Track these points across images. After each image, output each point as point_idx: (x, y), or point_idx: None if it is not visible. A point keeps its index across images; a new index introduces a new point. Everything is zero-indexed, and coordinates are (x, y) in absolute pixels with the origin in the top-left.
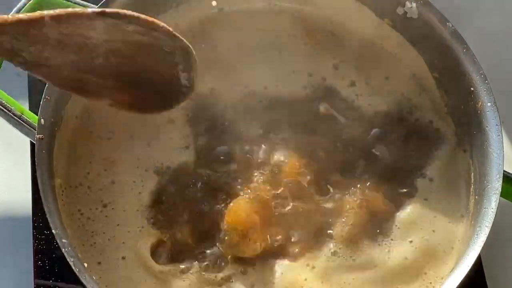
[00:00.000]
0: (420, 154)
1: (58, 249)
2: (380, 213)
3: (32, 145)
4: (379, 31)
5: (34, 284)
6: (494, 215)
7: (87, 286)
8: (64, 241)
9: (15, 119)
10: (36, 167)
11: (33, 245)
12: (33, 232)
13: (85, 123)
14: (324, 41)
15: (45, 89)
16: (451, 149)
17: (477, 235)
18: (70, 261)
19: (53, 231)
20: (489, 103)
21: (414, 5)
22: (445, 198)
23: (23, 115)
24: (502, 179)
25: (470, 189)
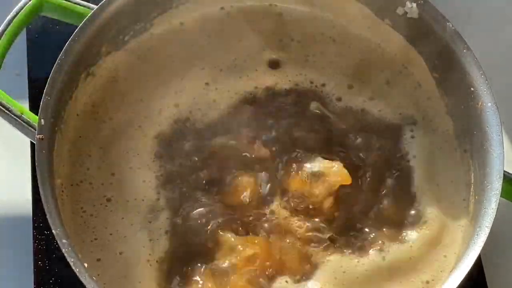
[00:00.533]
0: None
1: (58, 249)
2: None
3: (32, 145)
4: (379, 31)
5: (34, 284)
6: (494, 215)
7: (87, 286)
8: (64, 241)
9: (15, 119)
10: (36, 167)
11: (33, 245)
12: (33, 232)
13: (86, 119)
14: (324, 42)
15: (45, 89)
16: (451, 149)
17: (477, 235)
18: (70, 261)
19: (53, 231)
20: (489, 103)
21: (414, 5)
22: (445, 198)
23: (23, 115)
24: (502, 179)
25: (470, 189)
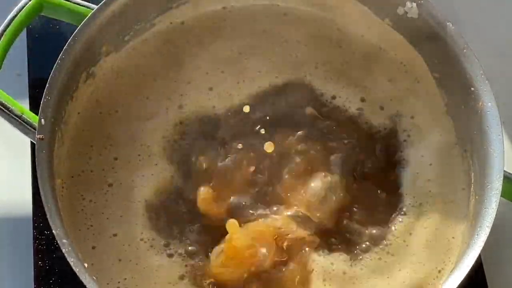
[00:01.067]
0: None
1: (58, 249)
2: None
3: (32, 145)
4: (379, 31)
5: (34, 284)
6: (494, 215)
7: (87, 286)
8: (64, 241)
9: (15, 119)
10: (36, 167)
11: (33, 245)
12: (33, 232)
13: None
14: (324, 43)
15: (45, 89)
16: (451, 149)
17: (477, 235)
18: (70, 261)
19: (53, 231)
20: (489, 103)
21: (414, 5)
22: (445, 198)
23: (23, 115)
24: (502, 179)
25: (470, 189)
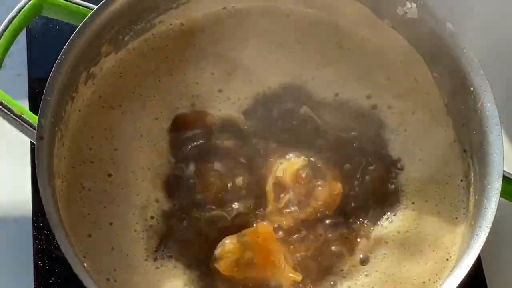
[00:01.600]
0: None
1: (58, 249)
2: None
3: (32, 145)
4: (379, 31)
5: (34, 284)
6: (494, 215)
7: (87, 287)
8: (64, 241)
9: (15, 119)
10: (36, 167)
11: (33, 245)
12: (33, 232)
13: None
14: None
15: (45, 89)
16: (451, 149)
17: (477, 235)
18: (70, 261)
19: (53, 231)
20: (489, 103)
21: (414, 5)
22: (445, 198)
23: (23, 115)
24: (502, 179)
25: (470, 189)
